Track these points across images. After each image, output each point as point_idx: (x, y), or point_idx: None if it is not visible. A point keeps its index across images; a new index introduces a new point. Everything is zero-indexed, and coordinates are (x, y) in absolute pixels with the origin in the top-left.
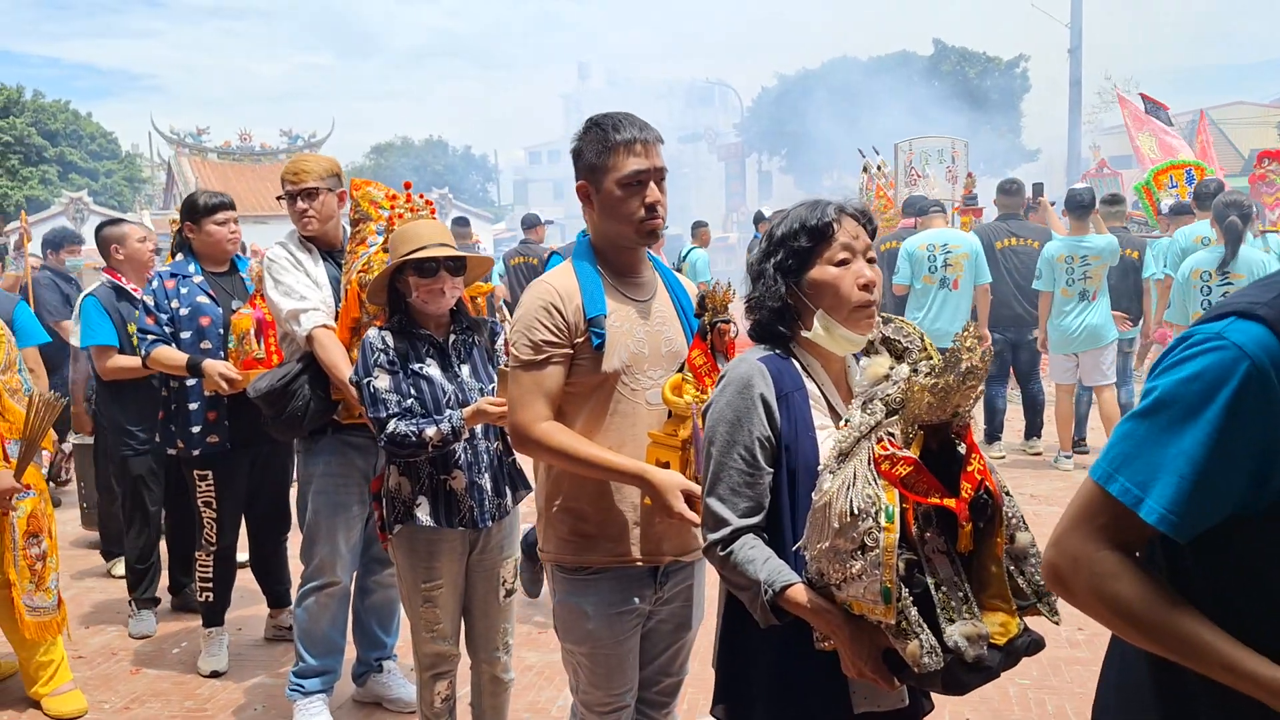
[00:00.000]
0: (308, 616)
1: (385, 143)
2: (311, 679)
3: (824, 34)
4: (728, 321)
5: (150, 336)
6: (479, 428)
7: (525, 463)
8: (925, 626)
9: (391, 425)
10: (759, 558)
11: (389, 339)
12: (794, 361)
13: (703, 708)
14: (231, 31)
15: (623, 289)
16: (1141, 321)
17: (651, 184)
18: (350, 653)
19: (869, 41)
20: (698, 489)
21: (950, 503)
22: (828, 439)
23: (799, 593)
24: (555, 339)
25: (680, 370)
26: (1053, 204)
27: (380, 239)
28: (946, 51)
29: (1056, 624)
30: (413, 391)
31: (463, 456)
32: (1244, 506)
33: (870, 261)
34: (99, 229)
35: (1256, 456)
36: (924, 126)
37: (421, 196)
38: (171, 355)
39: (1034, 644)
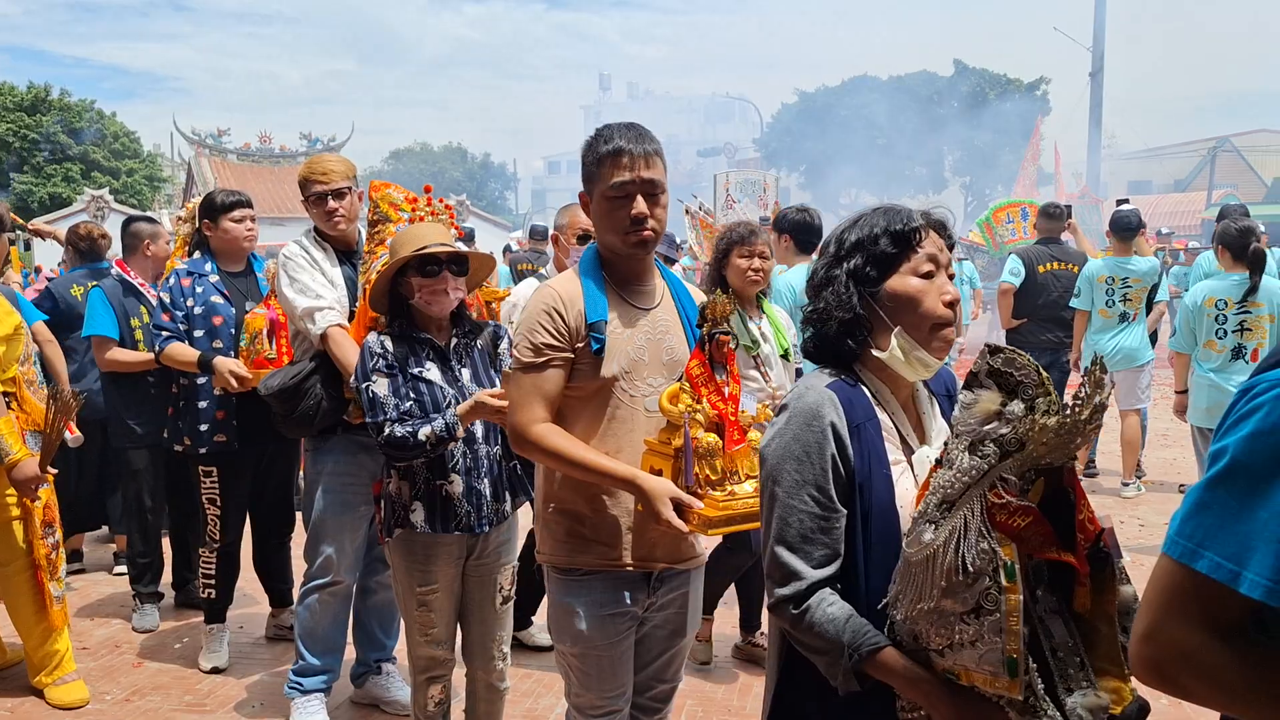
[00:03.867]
0: (310, 615)
1: (404, 148)
2: (311, 678)
3: (845, 52)
4: (727, 333)
5: (164, 333)
6: (479, 432)
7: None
8: (1050, 701)
9: (388, 429)
10: (840, 616)
11: (388, 343)
12: (863, 388)
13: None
14: (256, 36)
15: (627, 296)
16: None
17: (639, 197)
18: (350, 654)
19: (890, 60)
20: (688, 497)
21: (1069, 558)
22: (902, 476)
23: (891, 658)
24: (556, 342)
25: (680, 379)
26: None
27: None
28: (967, 72)
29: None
30: (412, 395)
31: (461, 461)
32: None
33: (951, 278)
34: (130, 222)
35: None
36: (943, 146)
37: (441, 200)
38: (184, 351)
39: (1142, 709)
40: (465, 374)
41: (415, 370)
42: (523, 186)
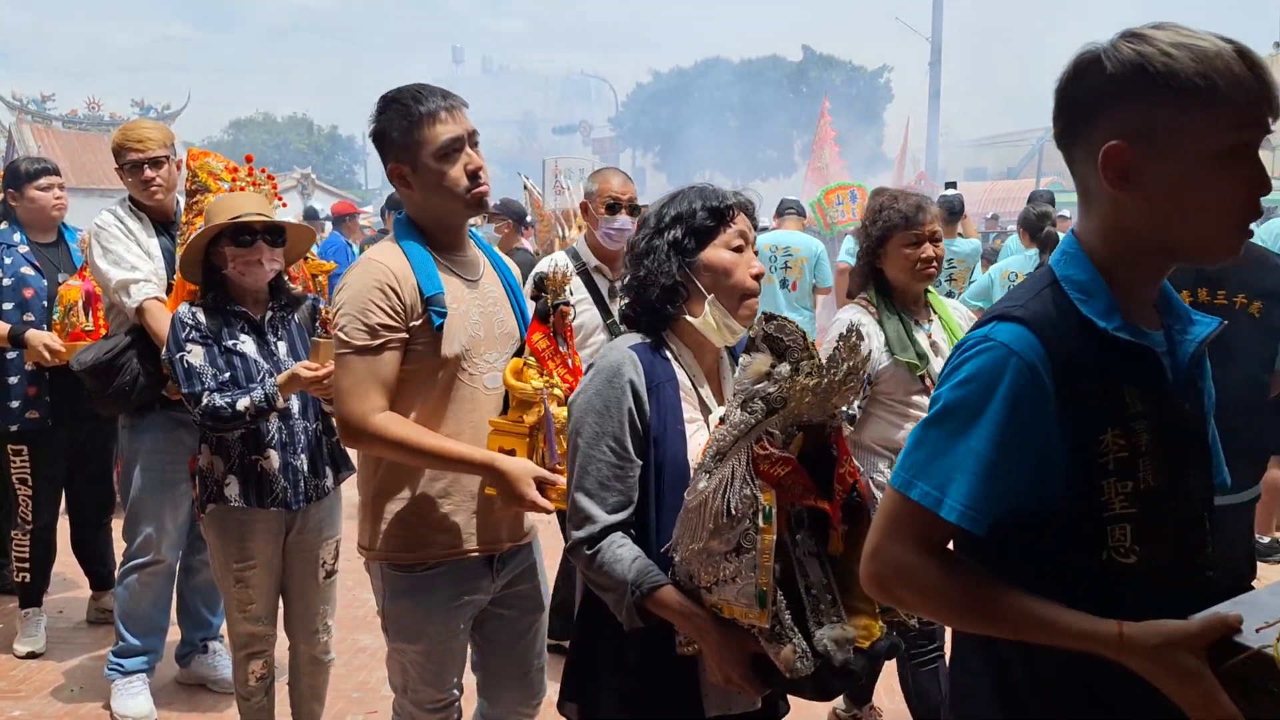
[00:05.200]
0: (129, 595)
1: (245, 118)
2: (132, 659)
3: (699, 32)
4: (568, 304)
5: None
6: (296, 407)
7: None
8: (797, 631)
9: (206, 399)
10: (627, 557)
11: (200, 315)
12: (666, 351)
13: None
14: None
15: (453, 267)
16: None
17: (468, 149)
18: (174, 634)
19: (741, 44)
20: (551, 475)
21: (825, 505)
22: (696, 433)
23: (669, 595)
24: (392, 321)
25: (520, 353)
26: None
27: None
28: (814, 58)
29: (914, 627)
30: (226, 369)
31: (276, 436)
32: (1026, 509)
33: (756, 255)
34: None
35: (1038, 451)
36: (792, 130)
37: (264, 171)
38: None
39: (893, 647)
40: (281, 348)
41: (229, 343)
42: (373, 161)
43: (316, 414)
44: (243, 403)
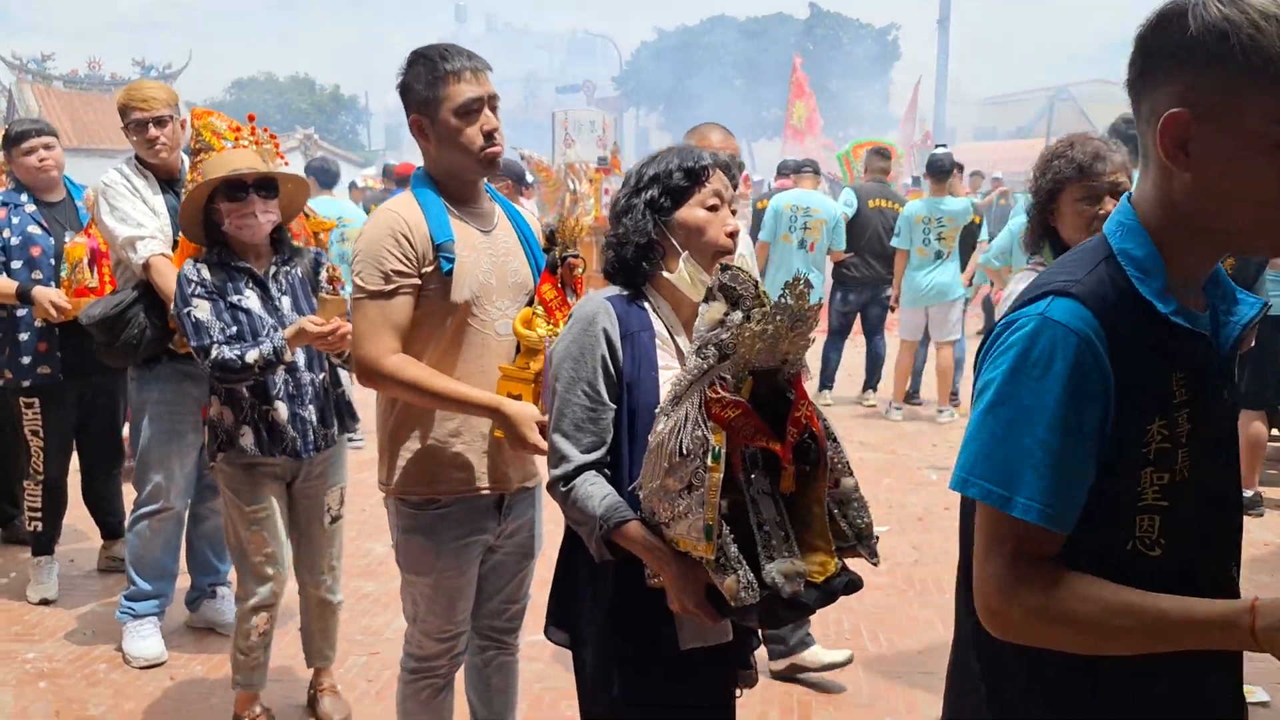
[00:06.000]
0: (140, 541)
1: (248, 78)
2: (142, 602)
3: None
4: (578, 256)
5: None
6: (301, 360)
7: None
8: (744, 563)
9: (215, 351)
10: (598, 494)
11: (204, 271)
12: (644, 303)
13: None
14: None
15: (466, 217)
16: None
17: (486, 110)
18: (184, 581)
19: (746, 1)
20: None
21: (775, 446)
22: (669, 380)
23: (633, 529)
24: (404, 268)
25: (530, 303)
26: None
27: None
28: (821, 15)
29: (875, 565)
30: (232, 324)
31: (283, 388)
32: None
33: (734, 214)
34: None
35: (1092, 435)
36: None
37: (266, 130)
38: (2, 283)
39: (851, 584)
40: (285, 302)
41: (234, 299)
42: (375, 121)
43: (322, 365)
44: (251, 355)
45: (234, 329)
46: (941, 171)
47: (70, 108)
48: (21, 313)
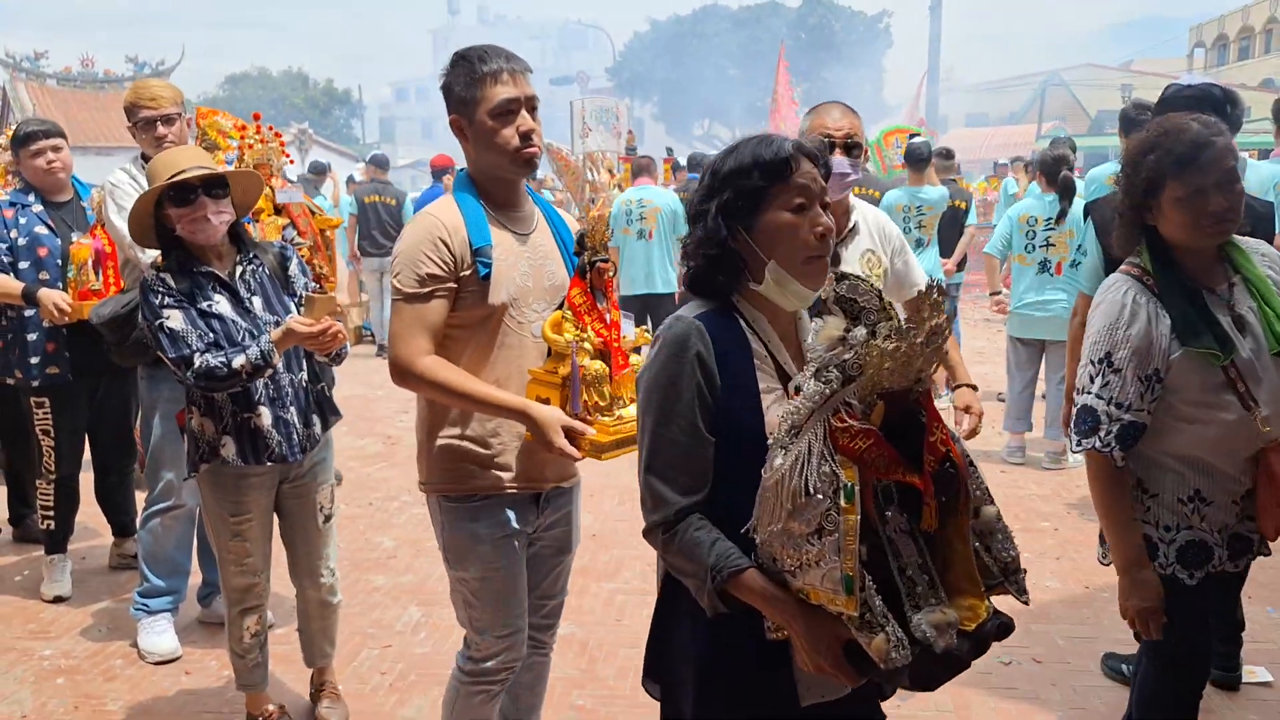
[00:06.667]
0: (152, 538)
1: (240, 73)
2: (156, 599)
3: None
4: (606, 260)
5: None
6: (280, 362)
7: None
8: (890, 617)
9: (199, 360)
10: (706, 540)
11: (168, 279)
12: (737, 318)
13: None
14: None
15: (505, 221)
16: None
17: (524, 112)
18: (196, 577)
19: None
20: (579, 425)
21: (914, 479)
22: (774, 404)
23: (752, 579)
24: (441, 272)
25: (560, 307)
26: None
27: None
28: (813, 3)
29: (1025, 604)
30: (208, 332)
31: (264, 392)
32: None
33: (825, 207)
34: None
35: None
36: (792, 77)
37: (271, 129)
38: (7, 284)
39: (1003, 627)
40: (257, 303)
41: (203, 305)
42: (370, 115)
43: (300, 365)
44: (238, 360)
45: (210, 337)
46: (920, 160)
47: (64, 105)
48: (29, 313)
